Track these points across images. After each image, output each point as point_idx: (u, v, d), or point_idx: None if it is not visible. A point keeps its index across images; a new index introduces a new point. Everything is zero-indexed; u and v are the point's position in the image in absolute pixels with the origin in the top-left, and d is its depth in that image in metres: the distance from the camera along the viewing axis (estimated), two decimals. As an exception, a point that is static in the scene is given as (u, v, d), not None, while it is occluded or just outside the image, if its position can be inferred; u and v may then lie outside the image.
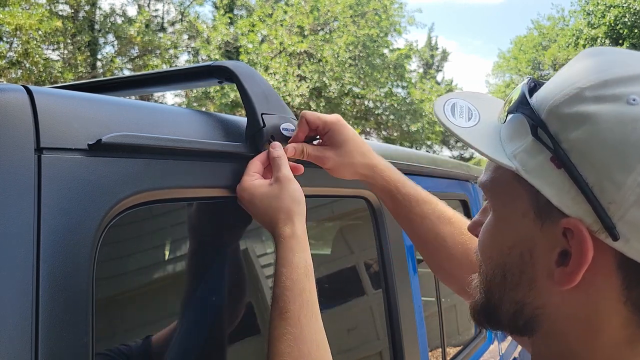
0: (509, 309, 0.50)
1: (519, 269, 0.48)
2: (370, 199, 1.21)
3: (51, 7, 11.29)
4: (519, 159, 0.46)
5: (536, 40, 23.39)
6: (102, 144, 0.57)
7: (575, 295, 0.45)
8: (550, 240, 0.45)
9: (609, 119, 0.41)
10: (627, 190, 0.40)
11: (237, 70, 0.80)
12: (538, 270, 0.47)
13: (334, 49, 12.83)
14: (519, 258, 0.48)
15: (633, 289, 0.42)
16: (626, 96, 0.41)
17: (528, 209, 0.47)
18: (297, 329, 0.65)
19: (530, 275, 0.47)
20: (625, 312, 0.43)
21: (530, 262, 0.47)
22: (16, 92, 0.54)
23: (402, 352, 1.21)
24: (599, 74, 0.44)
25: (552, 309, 0.47)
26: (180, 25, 14.51)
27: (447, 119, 0.52)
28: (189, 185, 0.70)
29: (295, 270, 0.68)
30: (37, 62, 10.14)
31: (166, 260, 0.81)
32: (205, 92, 13.20)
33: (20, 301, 0.49)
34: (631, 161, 0.40)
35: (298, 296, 0.67)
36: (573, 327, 0.46)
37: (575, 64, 0.48)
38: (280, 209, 0.72)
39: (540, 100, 0.46)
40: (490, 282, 0.51)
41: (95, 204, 0.56)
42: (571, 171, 0.42)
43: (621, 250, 0.41)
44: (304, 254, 0.70)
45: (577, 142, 0.42)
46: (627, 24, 17.14)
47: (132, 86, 0.98)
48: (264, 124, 0.77)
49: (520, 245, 0.48)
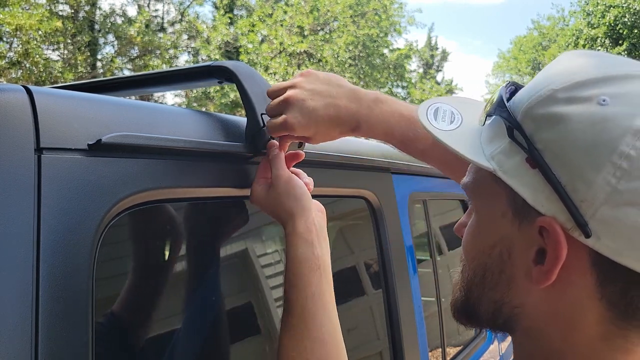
0: (487, 309, 0.51)
1: (498, 268, 0.49)
2: (370, 199, 1.21)
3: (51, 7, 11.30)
4: (496, 160, 0.47)
5: (536, 40, 23.41)
6: (102, 144, 0.57)
7: (552, 294, 0.46)
8: (528, 239, 0.46)
9: (580, 120, 0.42)
10: (598, 188, 0.41)
11: (237, 70, 0.80)
12: (516, 269, 0.48)
13: (334, 49, 12.83)
14: (499, 257, 0.49)
15: (607, 285, 0.43)
16: (597, 97, 0.43)
17: (506, 209, 0.48)
18: (302, 323, 0.67)
19: (509, 274, 0.49)
20: (601, 309, 0.44)
21: (509, 261, 0.48)
22: (16, 92, 0.54)
23: (402, 352, 1.21)
24: (571, 76, 0.45)
25: (530, 308, 0.48)
26: (180, 25, 14.51)
27: (428, 122, 0.53)
28: (189, 185, 0.70)
29: (298, 266, 0.69)
30: (37, 62, 10.15)
31: (166, 260, 0.81)
32: (205, 92, 13.21)
33: (20, 301, 0.49)
34: (601, 160, 0.41)
35: (302, 291, 0.68)
36: (551, 325, 0.47)
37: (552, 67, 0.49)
38: (280, 210, 0.73)
39: (517, 103, 0.48)
40: (470, 281, 0.53)
41: (95, 204, 0.56)
42: (545, 171, 0.43)
43: (593, 247, 0.42)
44: (309, 247, 0.70)
45: (551, 142, 0.44)
46: (627, 24, 17.14)
47: (132, 86, 0.98)
48: (264, 124, 0.78)
49: (500, 244, 0.49)
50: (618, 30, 17.34)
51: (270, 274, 0.96)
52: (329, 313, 0.69)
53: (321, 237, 0.73)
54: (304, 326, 0.67)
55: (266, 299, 0.96)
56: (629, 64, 0.46)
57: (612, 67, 0.45)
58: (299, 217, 0.72)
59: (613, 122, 0.41)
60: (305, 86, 0.75)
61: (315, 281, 0.69)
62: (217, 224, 0.85)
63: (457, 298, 0.55)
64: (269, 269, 0.96)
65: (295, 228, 0.71)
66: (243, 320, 0.90)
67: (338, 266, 1.30)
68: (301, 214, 0.72)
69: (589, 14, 18.36)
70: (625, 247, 0.41)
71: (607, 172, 0.41)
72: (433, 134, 0.52)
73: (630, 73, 0.44)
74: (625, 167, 0.40)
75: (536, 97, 0.46)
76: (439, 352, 1.69)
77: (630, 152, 0.40)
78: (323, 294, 0.69)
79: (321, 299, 0.69)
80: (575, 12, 20.51)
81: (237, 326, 0.88)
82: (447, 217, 2.09)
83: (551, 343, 0.48)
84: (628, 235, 0.41)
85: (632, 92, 0.43)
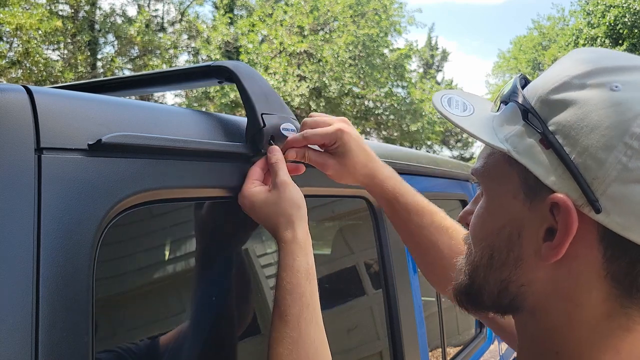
0: (493, 289, 0.52)
1: (506, 248, 0.51)
2: (370, 199, 1.21)
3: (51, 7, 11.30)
4: (510, 142, 0.49)
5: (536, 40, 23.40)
6: (102, 144, 0.57)
7: (559, 270, 0.48)
8: (539, 217, 0.48)
9: (593, 103, 0.45)
10: (609, 167, 0.43)
11: (237, 70, 0.80)
12: (525, 248, 0.49)
13: (334, 49, 12.83)
14: (508, 238, 0.51)
15: (614, 262, 0.45)
16: (610, 84, 0.45)
17: (518, 189, 0.50)
18: (296, 332, 0.66)
19: (517, 253, 0.50)
20: (605, 286, 0.46)
21: (518, 241, 0.50)
22: (16, 92, 0.54)
23: (402, 352, 1.21)
24: (585, 65, 0.48)
25: (536, 286, 0.50)
26: (180, 25, 14.51)
27: (444, 108, 0.56)
28: (189, 185, 0.70)
29: (296, 274, 0.69)
30: (38, 62, 10.15)
31: (166, 260, 0.81)
32: (205, 92, 13.21)
33: (20, 301, 0.49)
34: (612, 141, 0.43)
35: (298, 300, 0.68)
36: (556, 302, 0.49)
37: (565, 61, 0.51)
38: (280, 215, 0.73)
39: (531, 90, 0.51)
40: (477, 263, 0.54)
41: (95, 203, 0.56)
42: (558, 151, 0.46)
43: (603, 222, 0.44)
44: (305, 257, 0.71)
45: (564, 124, 0.46)
46: (627, 24, 17.13)
47: (132, 86, 0.98)
48: (264, 124, 0.77)
49: (510, 225, 0.51)
50: (618, 30, 17.33)
51: (270, 274, 0.96)
52: (320, 324, 0.70)
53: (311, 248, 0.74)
54: (298, 336, 0.66)
55: (266, 299, 0.96)
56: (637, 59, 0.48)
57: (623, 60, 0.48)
58: (298, 225, 0.72)
59: (625, 106, 0.44)
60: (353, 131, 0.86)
61: (309, 291, 0.69)
62: (217, 224, 0.85)
63: (460, 282, 0.56)
64: (269, 269, 0.96)
65: (296, 236, 0.71)
66: (243, 320, 0.90)
67: (338, 266, 1.30)
68: (300, 222, 0.73)
69: (589, 13, 18.36)
70: (633, 222, 0.43)
71: (618, 151, 0.43)
72: (449, 118, 0.55)
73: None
74: (636, 147, 0.43)
75: (551, 83, 0.48)
76: (439, 352, 1.69)
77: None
78: (315, 305, 0.70)
79: (314, 309, 0.69)
80: (575, 11, 20.50)
81: (237, 326, 0.88)
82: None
83: (555, 321, 0.49)
84: (636, 211, 0.43)
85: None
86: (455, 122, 0.54)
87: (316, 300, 0.70)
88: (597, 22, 17.86)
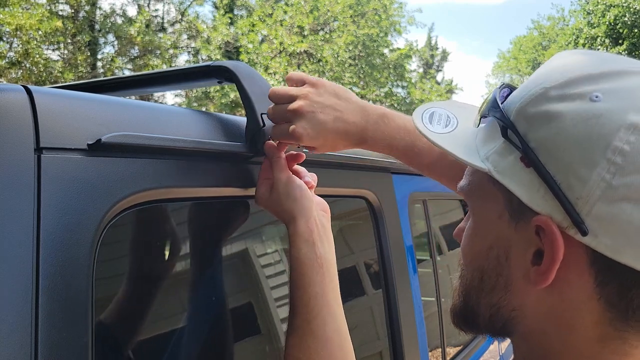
0: (485, 312, 0.50)
1: (495, 271, 0.49)
2: (370, 199, 1.21)
3: (51, 7, 11.30)
4: (491, 160, 0.47)
5: (536, 40, 23.40)
6: (102, 144, 0.57)
7: (550, 295, 0.46)
8: (525, 240, 0.46)
9: (573, 116, 0.42)
10: (593, 185, 0.41)
11: (236, 70, 0.80)
12: (513, 271, 0.47)
13: (334, 49, 12.83)
14: (496, 260, 0.48)
15: (606, 285, 0.43)
16: (589, 94, 0.42)
17: (503, 210, 0.47)
18: (305, 323, 0.67)
19: (506, 277, 0.48)
20: (599, 310, 0.44)
21: (506, 263, 0.48)
22: (16, 92, 0.54)
23: (402, 352, 1.21)
24: (564, 74, 0.45)
25: (528, 310, 0.48)
26: (180, 25, 14.52)
27: (423, 126, 0.53)
28: (189, 185, 0.70)
29: (301, 266, 0.70)
30: (38, 62, 10.15)
31: (166, 260, 0.81)
32: (205, 92, 13.21)
33: (20, 301, 0.49)
34: (595, 157, 0.41)
35: (305, 291, 0.69)
36: (549, 327, 0.47)
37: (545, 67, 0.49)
38: (283, 212, 0.74)
39: (510, 103, 0.47)
40: (468, 285, 0.52)
41: (95, 203, 0.56)
42: (539, 169, 0.43)
43: (591, 245, 0.42)
44: (311, 248, 0.71)
45: (544, 140, 0.43)
46: (627, 24, 17.13)
47: (132, 86, 0.98)
48: (264, 124, 0.78)
49: (497, 246, 0.48)
50: (618, 29, 17.34)
51: (270, 274, 0.96)
52: (333, 312, 0.70)
53: (324, 237, 0.74)
54: (307, 325, 0.67)
55: (266, 299, 0.96)
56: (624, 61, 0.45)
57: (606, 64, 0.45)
58: (299, 217, 0.72)
59: (606, 118, 0.41)
60: (315, 98, 0.75)
61: (318, 280, 0.69)
62: (217, 224, 0.85)
63: (455, 304, 0.54)
64: (269, 269, 0.96)
65: (297, 229, 0.72)
66: (243, 320, 0.90)
67: (338, 266, 1.30)
68: (301, 215, 0.73)
69: (589, 13, 18.36)
70: (622, 244, 0.41)
71: (601, 168, 0.40)
72: (427, 137, 0.52)
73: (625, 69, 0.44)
74: (619, 163, 0.40)
75: (528, 96, 0.45)
76: (439, 352, 1.69)
77: (624, 147, 0.40)
78: (326, 294, 0.69)
79: (324, 298, 0.69)
80: (575, 11, 20.51)
81: (238, 326, 0.88)
82: (447, 217, 2.09)
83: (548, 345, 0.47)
84: (625, 231, 0.40)
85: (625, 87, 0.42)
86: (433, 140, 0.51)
87: (328, 288, 0.70)
88: (597, 22, 17.86)
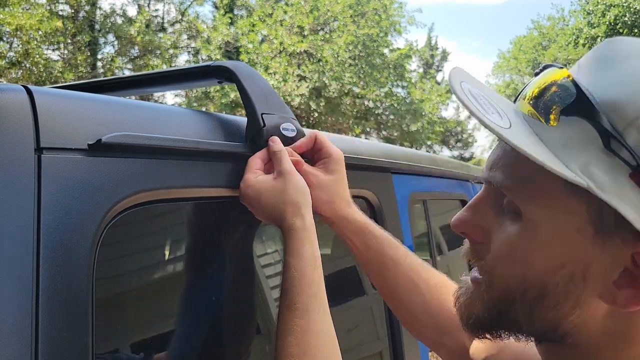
0: (537, 325, 0.46)
1: (565, 289, 0.43)
2: (370, 199, 1.21)
3: (51, 7, 11.30)
4: (588, 174, 0.40)
5: (536, 40, 23.40)
6: (102, 144, 0.57)
7: (620, 312, 0.43)
8: (612, 259, 0.41)
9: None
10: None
11: (236, 70, 0.80)
12: (589, 290, 0.43)
13: (334, 49, 12.83)
14: (568, 279, 0.43)
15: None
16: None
17: (586, 224, 0.42)
18: (305, 320, 0.65)
19: (578, 295, 0.43)
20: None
21: (581, 283, 0.43)
22: (16, 92, 0.54)
23: (402, 352, 1.21)
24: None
25: (590, 324, 0.45)
26: (181, 25, 14.52)
27: (483, 114, 0.43)
28: (189, 185, 0.70)
29: (304, 262, 0.68)
30: (38, 63, 10.16)
31: (166, 260, 0.81)
32: (205, 92, 13.21)
33: (20, 301, 0.49)
34: None
35: (307, 288, 0.66)
36: (607, 339, 0.45)
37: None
38: (288, 202, 0.71)
39: (610, 105, 0.40)
40: (512, 297, 0.46)
41: (95, 203, 0.56)
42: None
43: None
44: (312, 245, 0.70)
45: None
46: (627, 24, 17.14)
47: (132, 86, 0.98)
48: (264, 124, 0.78)
49: (572, 264, 0.43)
50: (618, 29, 17.33)
51: (270, 274, 0.96)
52: (327, 314, 0.69)
53: None
54: (307, 324, 0.65)
55: (266, 299, 0.96)
56: None
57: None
58: (306, 211, 0.71)
59: None
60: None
61: (317, 279, 0.68)
62: (217, 224, 0.85)
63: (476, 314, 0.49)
64: (269, 268, 0.96)
65: (304, 223, 0.70)
66: (243, 320, 0.90)
67: (338, 266, 1.30)
68: (308, 209, 0.72)
69: (589, 13, 18.37)
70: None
71: None
72: (500, 134, 0.42)
73: None
74: None
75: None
76: (439, 352, 1.69)
77: None
78: (323, 294, 0.69)
79: (322, 298, 0.68)
80: (575, 11, 20.51)
81: (238, 326, 0.88)
82: (447, 217, 2.09)
83: (600, 355, 0.45)
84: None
85: None
86: (509, 139, 0.41)
87: (323, 289, 0.69)
88: (597, 22, 17.87)
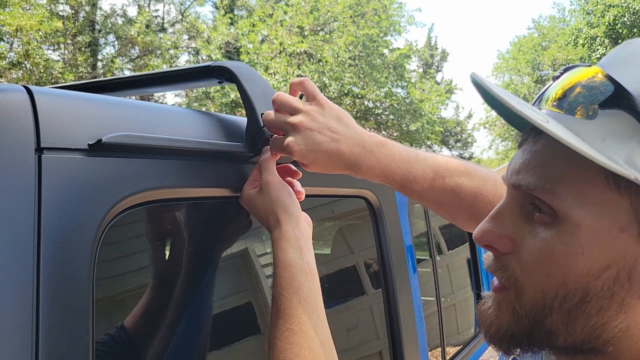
0: (577, 334, 0.44)
1: (609, 292, 0.42)
2: (370, 199, 1.21)
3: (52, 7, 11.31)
4: (633, 165, 0.39)
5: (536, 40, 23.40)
6: (102, 144, 0.58)
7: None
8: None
9: None
10: None
11: (237, 71, 0.80)
12: (634, 291, 0.42)
13: (334, 49, 12.83)
14: (613, 281, 0.42)
15: None
16: None
17: (629, 221, 0.41)
18: (296, 325, 0.65)
19: (622, 296, 0.42)
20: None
21: (627, 283, 0.42)
22: (16, 92, 0.54)
23: (402, 352, 1.21)
24: None
25: (634, 331, 0.43)
26: (181, 25, 14.53)
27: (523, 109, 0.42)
28: (189, 185, 0.70)
29: (289, 269, 0.69)
30: (38, 63, 10.16)
31: (166, 260, 0.81)
32: (205, 92, 13.21)
33: (20, 301, 0.49)
34: None
35: (294, 294, 0.67)
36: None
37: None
38: (268, 214, 0.74)
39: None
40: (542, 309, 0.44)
41: (96, 203, 0.57)
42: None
43: None
44: (298, 253, 0.70)
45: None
46: (627, 24, 17.14)
47: (132, 86, 0.98)
48: (264, 124, 0.78)
49: (617, 265, 0.41)
50: (617, 29, 17.34)
51: (270, 274, 0.96)
52: (322, 318, 0.69)
53: (309, 246, 0.73)
54: (299, 329, 0.65)
55: (266, 299, 0.96)
56: None
57: None
58: (286, 224, 0.72)
59: None
60: (317, 117, 0.73)
61: (306, 285, 0.69)
62: (217, 224, 0.85)
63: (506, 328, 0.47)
64: (269, 268, 0.96)
65: (284, 234, 0.71)
66: (243, 320, 0.90)
67: (338, 266, 1.30)
68: (289, 222, 0.72)
69: (588, 13, 18.37)
70: None
71: None
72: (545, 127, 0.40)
73: None
74: None
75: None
76: (438, 352, 1.70)
77: None
78: (315, 299, 0.69)
79: (314, 303, 0.68)
80: (575, 11, 20.51)
81: (238, 326, 0.88)
82: (447, 217, 2.09)
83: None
84: None
85: None
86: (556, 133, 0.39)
87: (316, 294, 0.69)
88: (596, 22, 17.88)
